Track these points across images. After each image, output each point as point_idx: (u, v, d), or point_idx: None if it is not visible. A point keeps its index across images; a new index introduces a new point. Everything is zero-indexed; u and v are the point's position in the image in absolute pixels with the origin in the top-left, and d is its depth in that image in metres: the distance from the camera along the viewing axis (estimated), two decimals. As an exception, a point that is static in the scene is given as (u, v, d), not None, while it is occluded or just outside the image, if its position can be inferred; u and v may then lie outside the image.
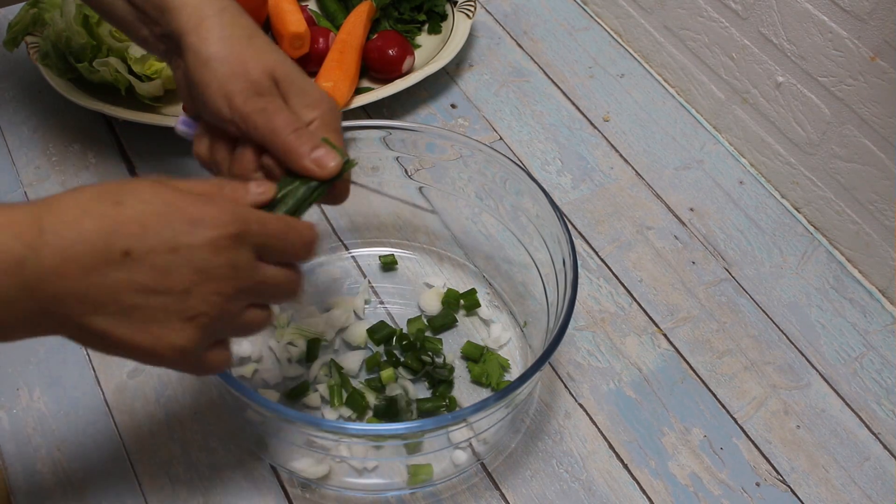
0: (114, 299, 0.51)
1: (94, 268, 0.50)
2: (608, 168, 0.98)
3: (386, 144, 0.81)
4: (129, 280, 0.51)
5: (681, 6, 1.02)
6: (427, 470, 0.72)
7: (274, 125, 0.61)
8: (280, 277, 0.58)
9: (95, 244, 0.50)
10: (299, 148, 0.61)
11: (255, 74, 0.61)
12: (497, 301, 0.85)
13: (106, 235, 0.50)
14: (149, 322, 0.52)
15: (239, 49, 0.61)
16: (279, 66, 0.63)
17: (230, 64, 0.61)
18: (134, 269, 0.51)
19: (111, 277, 0.50)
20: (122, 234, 0.51)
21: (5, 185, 0.91)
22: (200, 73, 0.61)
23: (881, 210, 0.87)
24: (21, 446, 0.74)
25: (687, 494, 0.75)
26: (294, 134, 0.61)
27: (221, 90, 0.61)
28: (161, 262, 0.51)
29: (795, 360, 0.84)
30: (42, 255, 0.49)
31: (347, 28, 1.02)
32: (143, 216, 0.52)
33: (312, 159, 0.61)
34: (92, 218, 0.51)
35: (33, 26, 0.96)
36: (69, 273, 0.50)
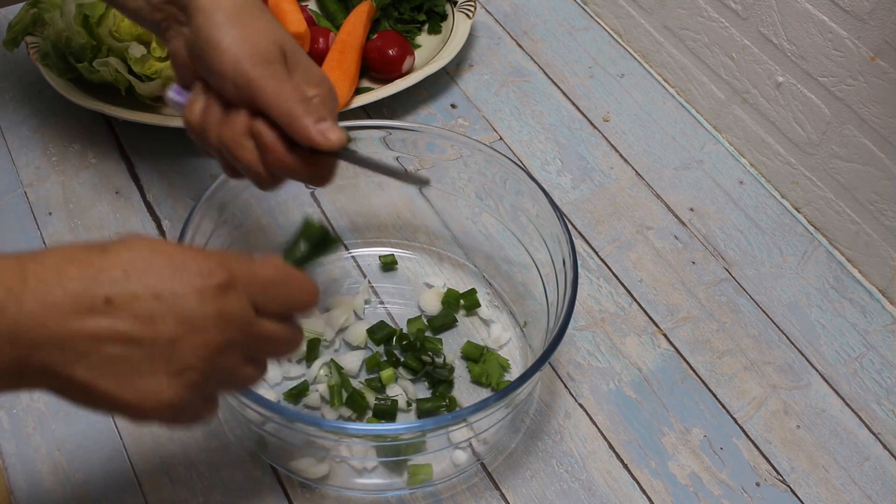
0: (95, 349, 0.48)
1: (74, 314, 0.47)
2: (608, 168, 0.98)
3: (386, 144, 0.81)
4: (110, 328, 0.48)
5: (681, 6, 1.02)
6: (427, 470, 0.72)
7: (283, 91, 0.61)
8: (278, 333, 0.54)
9: (76, 290, 0.47)
10: (305, 117, 0.61)
11: (266, 43, 0.62)
12: (497, 301, 0.85)
13: (88, 282, 0.48)
14: (133, 375, 0.49)
15: (250, 18, 0.62)
16: (287, 41, 0.64)
17: (242, 29, 0.61)
18: (116, 317, 0.48)
19: (92, 325, 0.47)
20: (104, 281, 0.48)
21: (5, 185, 0.91)
22: (210, 33, 0.61)
23: (881, 210, 0.87)
24: (21, 446, 0.74)
25: (687, 494, 0.75)
26: (300, 103, 0.61)
27: (231, 52, 0.61)
28: (144, 309, 0.48)
29: (795, 360, 0.84)
30: (23, 300, 0.46)
31: (347, 28, 1.02)
32: (128, 262, 0.49)
33: (318, 129, 0.61)
34: (75, 265, 0.48)
35: (33, 26, 0.96)
36: (49, 320, 0.47)
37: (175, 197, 0.91)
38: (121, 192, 0.91)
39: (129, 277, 0.49)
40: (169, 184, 0.92)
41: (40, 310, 0.47)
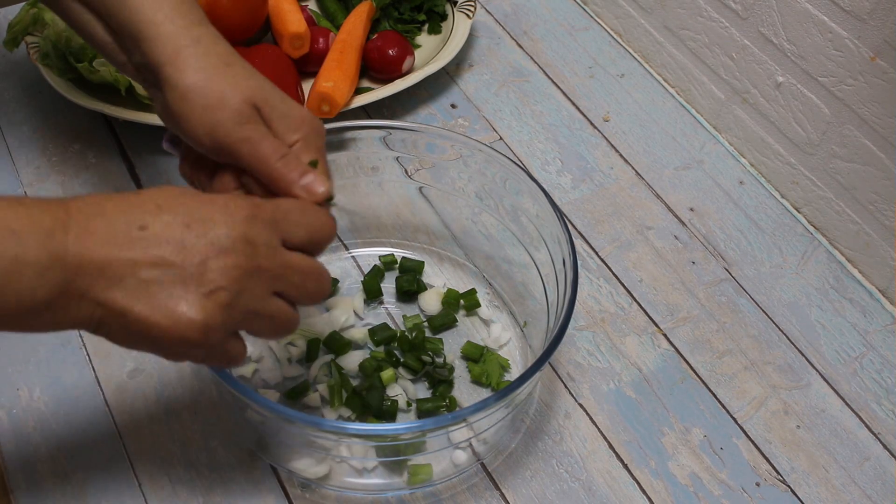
0: (131, 272, 0.52)
1: (112, 241, 0.52)
2: (608, 168, 0.98)
3: (386, 144, 0.81)
4: (144, 253, 0.52)
5: (681, 6, 1.02)
6: (427, 470, 0.72)
7: (260, 154, 0.61)
8: (303, 264, 0.58)
9: (114, 220, 0.53)
10: (288, 175, 0.61)
11: (235, 103, 0.61)
12: (497, 301, 0.85)
13: (124, 213, 0.53)
14: (166, 297, 0.53)
15: (217, 79, 0.61)
16: (258, 91, 0.62)
17: (209, 95, 0.60)
18: (150, 243, 0.52)
19: (128, 250, 0.52)
20: (139, 211, 0.53)
21: (5, 185, 0.91)
22: (179, 106, 0.61)
23: (881, 210, 0.87)
24: (21, 446, 0.74)
25: (687, 494, 0.75)
26: (281, 161, 0.61)
27: (202, 122, 0.61)
28: (176, 235, 0.53)
29: (795, 360, 0.84)
30: (68, 227, 0.51)
31: (347, 28, 1.02)
32: (160, 198, 0.55)
33: (301, 186, 0.61)
34: (113, 201, 0.54)
35: (33, 26, 0.96)
36: (91, 246, 0.51)
37: (175, 197, 0.91)
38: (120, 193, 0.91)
39: (161, 209, 0.54)
40: (169, 184, 0.92)
41: (84, 235, 0.51)
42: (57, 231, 0.51)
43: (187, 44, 0.61)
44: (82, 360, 0.79)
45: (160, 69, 0.61)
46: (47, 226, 0.51)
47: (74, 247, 0.51)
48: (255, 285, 0.55)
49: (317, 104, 0.94)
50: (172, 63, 0.61)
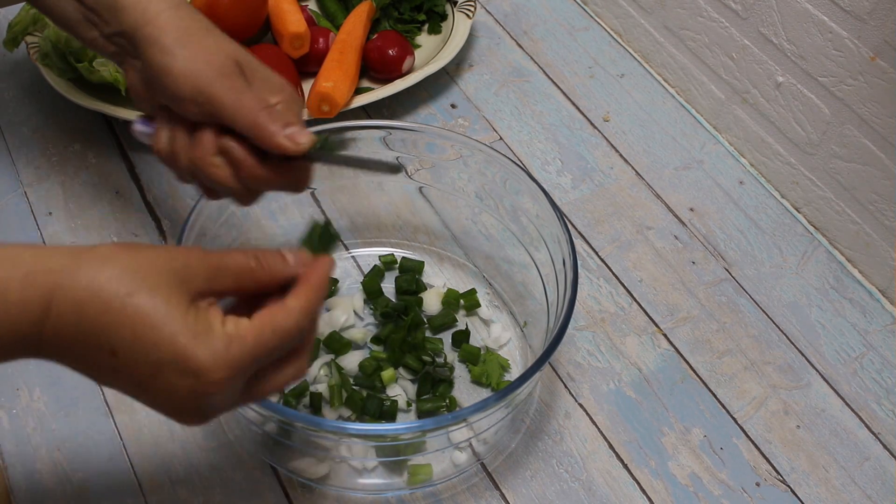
0: (113, 379, 0.52)
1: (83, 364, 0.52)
2: (608, 168, 0.98)
3: (386, 144, 0.81)
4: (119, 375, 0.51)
5: (681, 6, 1.02)
6: (427, 470, 0.72)
7: (244, 103, 0.60)
8: (279, 384, 0.56)
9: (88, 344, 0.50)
10: (271, 125, 0.60)
11: (218, 58, 0.61)
12: (497, 301, 0.85)
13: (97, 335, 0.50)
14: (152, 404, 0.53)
15: (199, 38, 0.62)
16: (240, 53, 0.63)
17: (191, 48, 0.61)
18: (118, 371, 0.51)
19: (100, 376, 0.52)
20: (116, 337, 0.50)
21: (5, 185, 0.91)
22: (160, 58, 0.61)
23: (881, 210, 0.87)
24: (21, 446, 0.74)
25: (687, 494, 0.75)
26: (265, 111, 0.61)
27: (184, 72, 0.60)
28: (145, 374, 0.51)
29: (795, 360, 0.84)
30: (41, 349, 0.51)
31: (347, 28, 1.02)
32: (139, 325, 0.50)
33: (286, 135, 0.60)
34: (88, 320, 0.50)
35: (33, 26, 0.96)
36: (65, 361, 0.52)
37: (175, 197, 0.91)
38: (121, 192, 0.91)
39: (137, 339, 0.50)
40: (169, 184, 0.92)
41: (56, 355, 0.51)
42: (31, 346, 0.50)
43: (166, 7, 0.62)
44: (82, 360, 0.79)
45: (139, 30, 0.62)
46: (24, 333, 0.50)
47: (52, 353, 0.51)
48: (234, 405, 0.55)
49: (317, 104, 0.94)
50: (153, 23, 0.61)
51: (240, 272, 0.54)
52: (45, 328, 0.49)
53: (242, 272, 0.55)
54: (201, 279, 0.53)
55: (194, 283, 0.52)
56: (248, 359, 0.52)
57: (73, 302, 0.49)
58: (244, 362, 0.52)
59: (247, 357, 0.52)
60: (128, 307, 0.50)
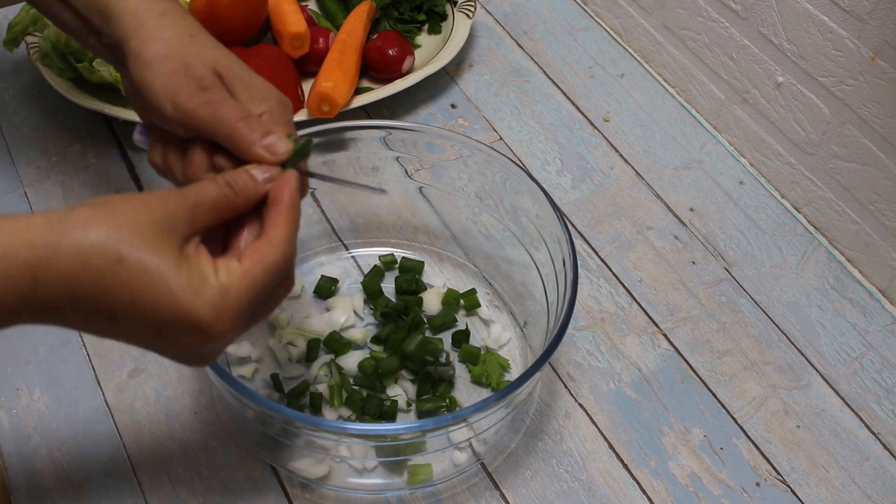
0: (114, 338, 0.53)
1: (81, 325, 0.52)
2: (608, 168, 0.98)
3: (386, 144, 0.81)
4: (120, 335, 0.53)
5: (681, 6, 1.02)
6: (427, 470, 0.72)
7: (220, 115, 0.59)
8: (274, 306, 0.58)
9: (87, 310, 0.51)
10: (249, 135, 0.59)
11: (197, 70, 0.60)
12: (497, 301, 0.85)
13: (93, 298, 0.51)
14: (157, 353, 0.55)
15: (180, 48, 0.60)
16: (222, 60, 0.61)
17: (171, 62, 0.60)
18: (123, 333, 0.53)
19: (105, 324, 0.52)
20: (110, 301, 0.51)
21: (5, 184, 0.91)
22: (142, 76, 0.60)
23: (881, 210, 0.87)
24: (21, 446, 0.74)
25: (687, 494, 0.75)
26: (242, 121, 0.59)
27: (164, 89, 0.60)
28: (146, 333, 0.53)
29: (795, 360, 0.84)
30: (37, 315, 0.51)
31: (347, 28, 1.02)
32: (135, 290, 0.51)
33: (263, 146, 0.59)
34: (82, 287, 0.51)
35: (33, 26, 0.96)
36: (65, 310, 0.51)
37: (175, 197, 0.91)
38: (121, 192, 0.91)
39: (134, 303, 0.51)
40: (169, 184, 0.92)
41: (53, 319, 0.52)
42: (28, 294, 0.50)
43: (151, 17, 0.61)
44: (82, 360, 0.79)
45: (125, 44, 0.61)
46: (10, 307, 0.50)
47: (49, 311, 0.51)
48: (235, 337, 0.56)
49: (317, 104, 0.94)
50: (136, 35, 0.61)
51: (217, 204, 0.56)
52: (35, 300, 0.50)
53: (219, 203, 0.56)
54: (184, 224, 0.54)
55: (178, 229, 0.53)
56: (245, 304, 0.54)
57: (62, 275, 0.50)
58: (242, 309, 0.54)
59: (244, 303, 0.54)
60: (120, 273, 0.50)
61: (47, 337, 0.80)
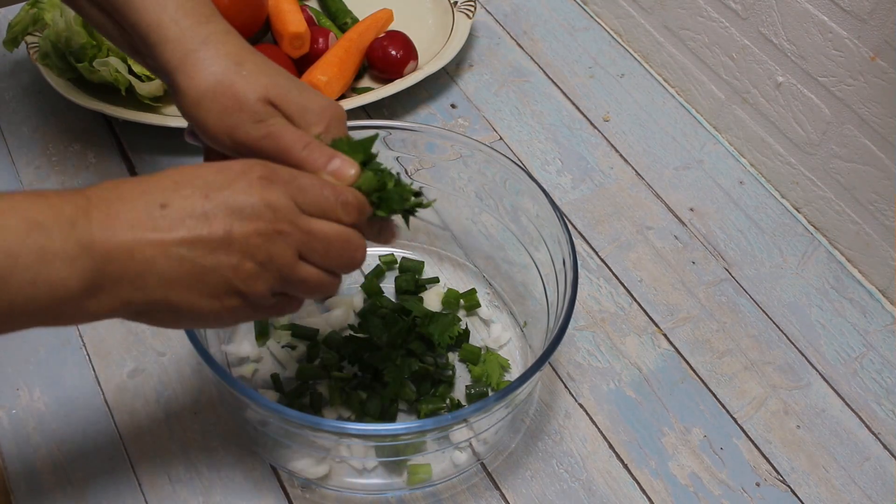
0: (161, 252, 0.52)
1: (136, 223, 0.51)
2: (608, 168, 0.98)
3: (386, 144, 0.81)
4: (170, 232, 0.52)
5: (681, 6, 1.02)
6: (427, 470, 0.72)
7: (283, 147, 0.60)
8: (328, 232, 0.57)
9: (135, 202, 0.52)
10: (315, 163, 0.60)
11: (250, 104, 0.60)
12: (497, 301, 0.85)
13: (143, 194, 0.52)
14: (200, 279, 0.53)
15: (229, 81, 0.60)
16: (273, 87, 0.61)
17: (222, 99, 0.60)
18: (173, 221, 0.52)
19: (153, 231, 0.52)
20: (158, 190, 0.53)
21: (5, 185, 0.91)
22: (195, 113, 0.60)
23: (881, 210, 0.87)
24: (21, 446, 0.74)
25: (687, 494, 0.75)
26: (306, 150, 0.60)
27: (220, 127, 0.60)
28: (197, 208, 0.52)
29: (795, 360, 0.84)
30: (90, 215, 0.51)
31: (360, 29, 1.02)
32: (176, 174, 0.54)
33: (329, 172, 0.60)
34: (130, 183, 0.53)
35: (33, 26, 0.96)
36: (116, 230, 0.51)
37: (175, 197, 0.91)
38: (121, 192, 0.91)
39: (178, 185, 0.53)
40: (169, 184, 0.92)
41: (107, 221, 0.51)
42: (80, 219, 0.50)
43: (195, 47, 0.60)
44: (82, 360, 0.79)
45: (171, 75, 0.61)
46: (69, 214, 0.50)
47: (100, 234, 0.50)
48: (281, 250, 0.55)
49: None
50: (182, 69, 0.60)
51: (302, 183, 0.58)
52: (90, 195, 0.52)
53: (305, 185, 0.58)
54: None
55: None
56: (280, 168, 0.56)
57: (109, 186, 0.53)
58: (277, 168, 0.56)
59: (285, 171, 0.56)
60: (158, 173, 0.54)
61: (47, 337, 0.80)
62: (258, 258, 0.54)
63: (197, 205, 0.53)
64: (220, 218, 0.53)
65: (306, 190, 0.56)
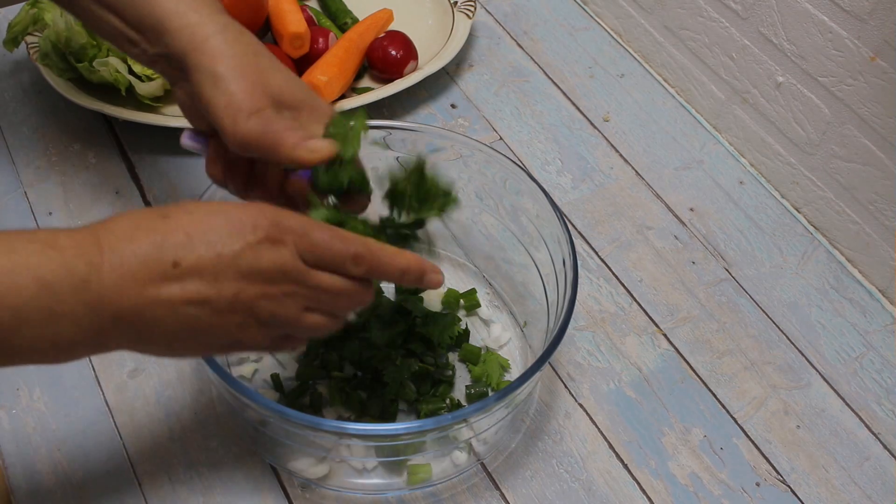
0: (170, 312, 0.53)
1: (149, 282, 0.52)
2: (608, 168, 0.98)
3: (386, 144, 0.81)
4: (181, 291, 0.52)
5: (681, 6, 1.02)
6: (426, 470, 0.72)
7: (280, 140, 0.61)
8: (338, 285, 0.57)
9: (148, 259, 0.52)
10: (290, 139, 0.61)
11: (262, 95, 0.61)
12: (497, 301, 0.85)
13: (156, 248, 0.52)
14: (205, 333, 0.54)
15: (247, 69, 0.61)
16: (286, 85, 0.62)
17: (240, 82, 0.60)
18: (185, 281, 0.52)
19: (165, 291, 0.52)
20: (171, 246, 0.52)
21: (5, 185, 0.91)
22: (210, 92, 0.61)
23: (881, 210, 0.87)
24: (21, 446, 0.74)
25: (687, 494, 0.75)
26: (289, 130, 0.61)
27: (229, 109, 0.60)
28: (208, 270, 0.53)
29: (795, 360, 0.84)
30: (102, 272, 0.51)
31: (360, 29, 1.02)
32: (189, 226, 0.53)
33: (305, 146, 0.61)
34: (143, 231, 0.53)
35: (33, 26, 0.96)
36: (127, 289, 0.51)
37: (175, 197, 0.91)
38: (121, 192, 0.91)
39: (191, 240, 0.53)
40: (169, 184, 0.92)
41: (118, 280, 0.51)
42: (91, 278, 0.50)
43: (215, 31, 0.61)
44: (82, 360, 0.79)
45: (187, 56, 0.61)
46: (81, 274, 0.50)
47: (110, 293, 0.51)
48: (287, 307, 0.56)
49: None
50: (201, 49, 0.61)
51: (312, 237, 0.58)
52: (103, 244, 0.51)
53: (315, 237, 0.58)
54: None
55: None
56: (292, 224, 0.55)
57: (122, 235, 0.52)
58: (288, 226, 0.55)
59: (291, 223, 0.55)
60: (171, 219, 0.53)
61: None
62: (263, 318, 0.55)
63: (208, 266, 0.53)
64: (230, 281, 0.54)
65: (316, 245, 0.57)
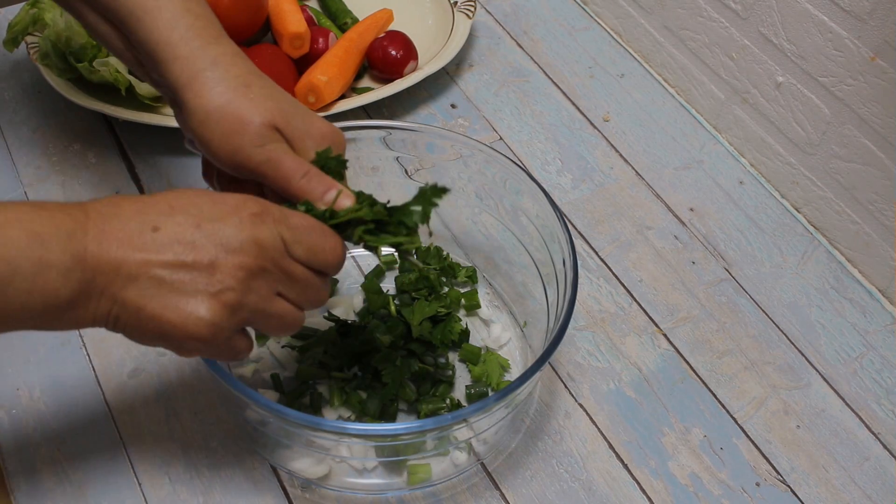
0: (144, 272, 0.54)
1: (127, 242, 0.54)
2: (608, 168, 0.98)
3: (386, 144, 0.81)
4: (157, 254, 0.54)
5: (681, 6, 1.02)
6: (426, 470, 0.72)
7: (282, 174, 0.62)
8: (306, 276, 0.59)
9: (129, 221, 0.54)
10: (313, 192, 0.62)
11: (254, 127, 0.61)
12: (497, 301, 0.85)
13: (138, 214, 0.55)
14: (177, 296, 0.54)
15: (236, 103, 0.61)
16: (278, 112, 0.62)
17: (228, 120, 0.61)
18: (162, 244, 0.54)
19: (141, 252, 0.54)
20: (153, 213, 0.55)
21: (5, 185, 0.91)
22: (200, 131, 0.62)
23: (881, 210, 0.87)
24: (21, 446, 0.74)
25: (687, 494, 0.75)
26: (304, 179, 0.62)
27: (223, 147, 0.61)
28: (187, 236, 0.55)
29: (795, 360, 0.84)
30: (87, 229, 0.53)
31: (360, 29, 1.02)
32: (174, 199, 0.56)
33: (325, 203, 0.62)
34: (128, 202, 0.55)
35: (33, 26, 0.96)
36: (107, 246, 0.53)
37: (175, 197, 0.91)
38: (121, 192, 0.91)
39: (174, 210, 0.55)
40: (169, 183, 0.92)
41: (101, 237, 0.53)
42: (77, 233, 0.53)
43: (204, 67, 0.62)
44: (82, 360, 0.79)
45: (179, 93, 0.62)
46: (68, 228, 0.52)
47: (93, 248, 0.53)
48: (260, 285, 0.57)
49: (304, 93, 0.95)
50: (190, 87, 0.61)
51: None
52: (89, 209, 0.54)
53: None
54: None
55: None
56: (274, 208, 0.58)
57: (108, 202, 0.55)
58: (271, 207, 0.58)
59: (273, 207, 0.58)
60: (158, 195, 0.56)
61: (47, 337, 0.80)
62: (238, 289, 0.56)
63: (187, 233, 0.55)
64: (208, 248, 0.55)
65: (297, 234, 0.58)
